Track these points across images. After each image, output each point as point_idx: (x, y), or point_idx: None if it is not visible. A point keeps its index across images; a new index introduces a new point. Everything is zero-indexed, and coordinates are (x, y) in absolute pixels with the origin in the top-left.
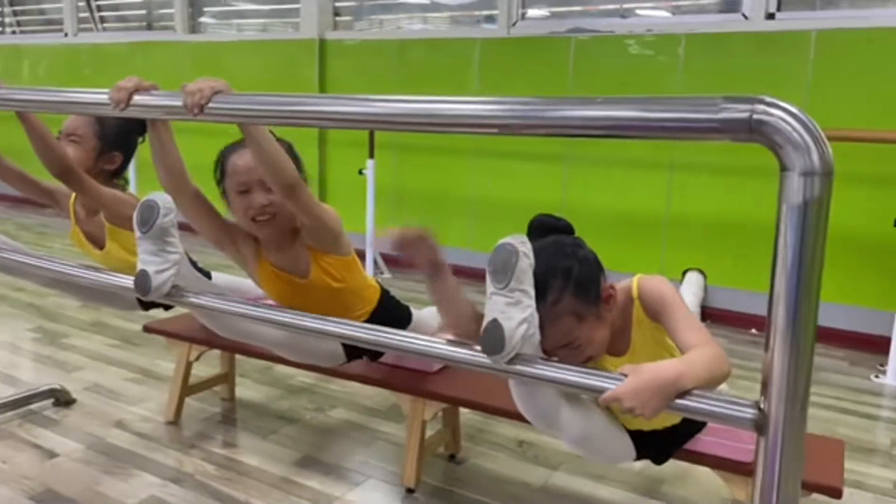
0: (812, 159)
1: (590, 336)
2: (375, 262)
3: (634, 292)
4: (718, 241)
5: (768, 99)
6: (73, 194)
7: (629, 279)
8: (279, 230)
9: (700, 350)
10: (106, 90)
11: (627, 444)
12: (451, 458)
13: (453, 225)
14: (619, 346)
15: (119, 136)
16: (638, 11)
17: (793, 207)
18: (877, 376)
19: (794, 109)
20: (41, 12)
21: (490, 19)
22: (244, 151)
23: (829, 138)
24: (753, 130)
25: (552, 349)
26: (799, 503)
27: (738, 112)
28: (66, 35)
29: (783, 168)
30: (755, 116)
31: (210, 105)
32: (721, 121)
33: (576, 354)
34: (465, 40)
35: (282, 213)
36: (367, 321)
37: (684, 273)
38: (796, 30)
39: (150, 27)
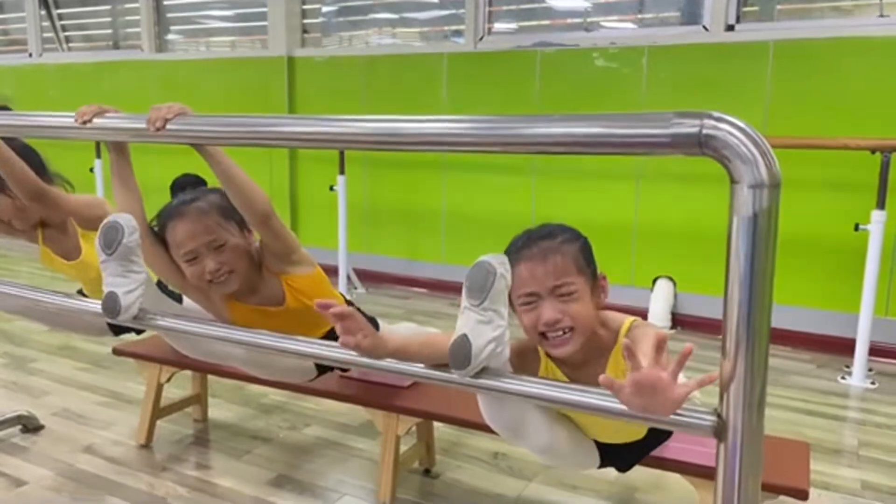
0: (760, 172)
1: (581, 295)
2: (349, 278)
3: (623, 333)
4: (687, 248)
5: (716, 114)
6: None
7: (622, 317)
8: (241, 279)
9: None
10: (68, 113)
11: (592, 452)
12: (427, 472)
13: (425, 239)
14: (594, 373)
15: (21, 149)
16: (602, 24)
17: (743, 219)
18: (843, 378)
19: (741, 124)
20: (4, 32)
21: (457, 34)
22: (180, 214)
23: (790, 146)
24: (703, 145)
25: (543, 289)
26: None
27: (687, 127)
28: (30, 55)
29: (732, 181)
30: (704, 131)
31: (175, 127)
32: (671, 135)
33: (563, 307)
34: (433, 55)
35: (238, 265)
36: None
37: (654, 281)
38: (755, 41)
39: (116, 46)
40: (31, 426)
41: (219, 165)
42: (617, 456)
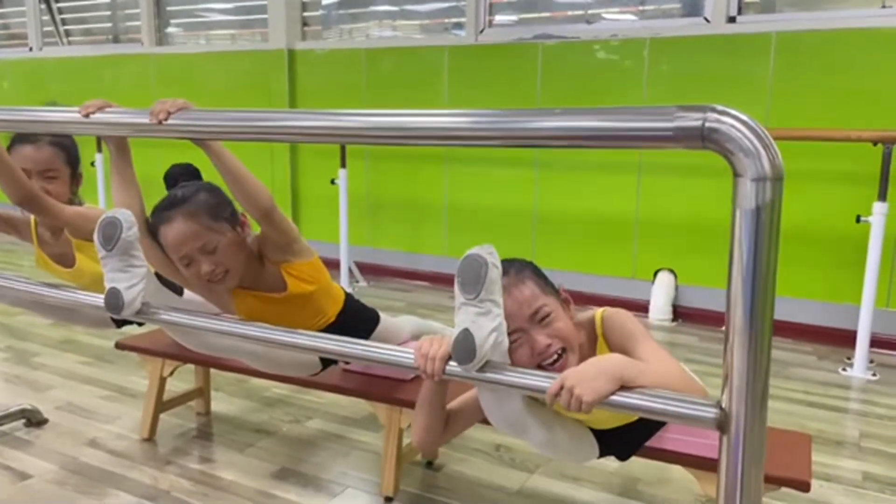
0: (763, 165)
1: (558, 313)
2: (350, 271)
3: (598, 328)
4: (688, 240)
5: (720, 107)
6: (33, 218)
7: (590, 311)
8: (239, 275)
9: (662, 368)
10: (71, 108)
11: (590, 442)
12: (429, 464)
13: (427, 232)
14: None
15: (77, 155)
16: (603, 16)
17: (746, 212)
18: (844, 369)
19: (744, 117)
20: (5, 26)
21: (458, 26)
22: (168, 220)
23: (792, 137)
24: (706, 138)
25: (524, 321)
26: (762, 498)
27: (690, 121)
28: (30, 49)
29: (736, 174)
30: (707, 125)
31: (177, 121)
32: (674, 129)
33: (548, 330)
34: (433, 48)
35: (233, 263)
36: (338, 319)
37: (655, 273)
38: (757, 32)
39: (116, 40)
40: (34, 420)
41: (221, 162)
42: (614, 442)
